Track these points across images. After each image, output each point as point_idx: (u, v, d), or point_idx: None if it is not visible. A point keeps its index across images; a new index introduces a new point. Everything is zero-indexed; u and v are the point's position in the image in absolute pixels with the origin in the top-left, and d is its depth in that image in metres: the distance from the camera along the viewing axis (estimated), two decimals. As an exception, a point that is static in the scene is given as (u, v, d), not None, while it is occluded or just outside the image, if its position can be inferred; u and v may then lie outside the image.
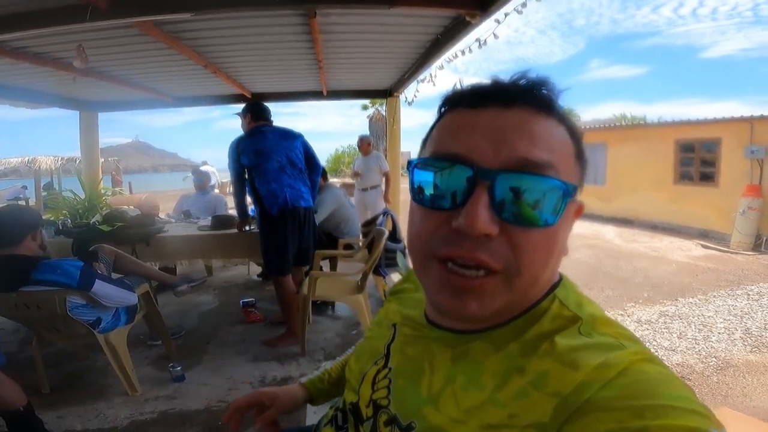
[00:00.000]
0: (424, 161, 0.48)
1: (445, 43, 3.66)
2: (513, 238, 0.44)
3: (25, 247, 2.12)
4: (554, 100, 0.49)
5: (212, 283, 4.48)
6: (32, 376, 2.44)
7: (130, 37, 3.30)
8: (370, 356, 0.65)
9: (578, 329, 0.47)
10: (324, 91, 5.86)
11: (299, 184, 3.03)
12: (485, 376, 0.47)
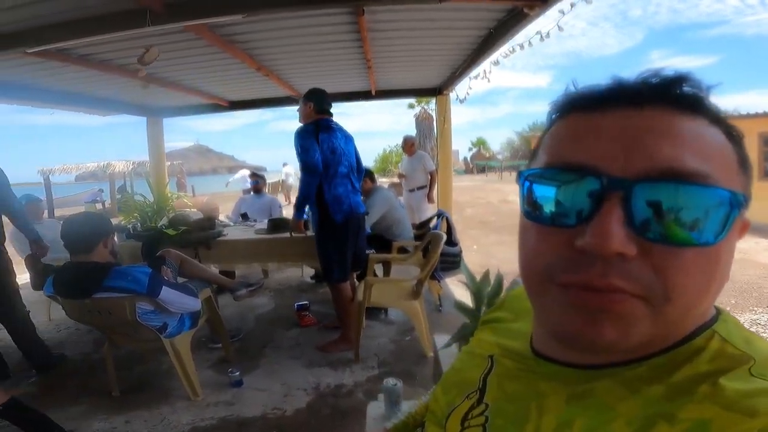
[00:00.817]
0: (540, 173, 0.42)
1: (500, 38, 3.48)
2: (658, 259, 0.36)
3: (98, 254, 2.21)
4: (702, 97, 0.39)
5: (267, 285, 4.55)
6: (104, 377, 2.55)
7: (187, 41, 3.39)
8: (460, 388, 0.58)
9: (749, 370, 0.37)
10: (372, 91, 5.82)
11: (358, 190, 2.97)
12: (617, 422, 0.38)
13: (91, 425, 2.23)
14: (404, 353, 2.95)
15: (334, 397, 2.47)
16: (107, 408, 2.37)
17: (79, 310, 2.23)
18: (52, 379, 2.76)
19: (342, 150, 2.83)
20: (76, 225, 2.22)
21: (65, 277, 2.20)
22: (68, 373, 2.83)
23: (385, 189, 4.06)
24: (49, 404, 2.37)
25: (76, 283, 2.16)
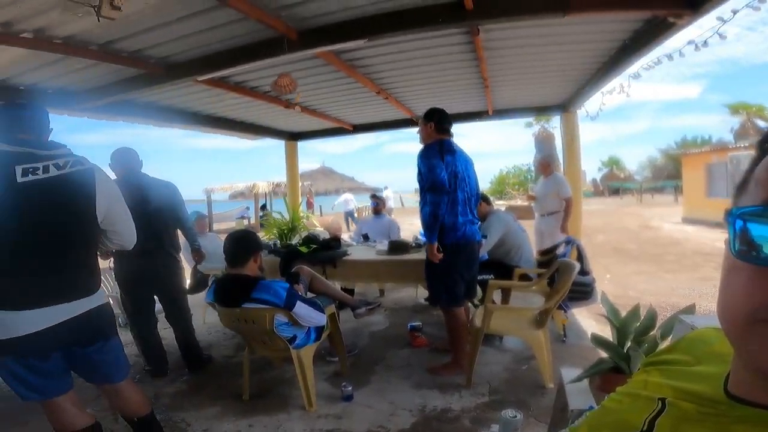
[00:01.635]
0: (762, 211, 0.39)
1: (637, 50, 3.17)
2: None
3: (249, 267, 2.45)
4: None
5: (383, 304, 4.65)
6: (238, 381, 2.78)
7: (318, 68, 3.69)
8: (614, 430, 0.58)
9: None
10: (489, 110, 5.68)
11: (475, 218, 2.88)
12: None
13: (221, 426, 2.39)
14: (519, 382, 2.77)
15: (439, 421, 2.38)
16: (236, 411, 2.54)
17: (230, 318, 2.47)
18: (198, 379, 3.03)
19: (463, 175, 2.76)
20: (235, 241, 2.52)
21: (223, 286, 2.47)
22: (211, 375, 3.10)
23: (502, 212, 3.87)
24: (191, 403, 2.66)
25: (230, 293, 2.41)
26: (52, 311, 1.52)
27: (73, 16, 2.19)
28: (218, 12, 2.48)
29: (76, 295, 1.59)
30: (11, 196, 1.43)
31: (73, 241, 1.60)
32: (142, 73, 3.33)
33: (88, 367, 1.72)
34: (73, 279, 1.60)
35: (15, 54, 2.71)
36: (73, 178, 1.55)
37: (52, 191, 1.50)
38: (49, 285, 1.53)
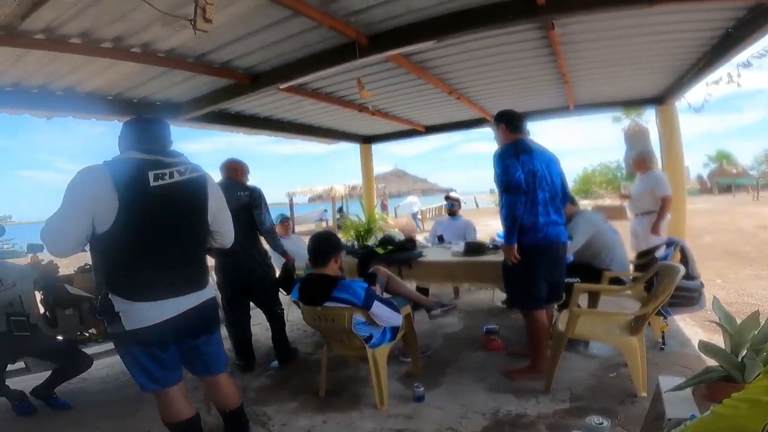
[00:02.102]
0: None
1: (744, 38, 2.91)
2: None
3: (330, 267, 2.54)
4: None
5: (458, 306, 4.53)
6: (315, 378, 2.87)
7: (389, 71, 3.74)
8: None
9: None
10: (570, 105, 5.37)
11: (560, 218, 2.73)
12: None
13: (298, 421, 2.48)
14: (606, 390, 2.58)
15: (512, 425, 2.28)
16: (313, 407, 2.62)
17: (312, 316, 2.56)
18: (281, 374, 3.17)
19: (543, 174, 2.64)
20: (317, 241, 2.63)
21: (307, 285, 2.57)
22: (292, 371, 3.21)
23: (589, 212, 3.60)
24: (273, 398, 2.78)
25: (313, 292, 2.51)
26: (175, 303, 1.68)
27: (172, 30, 2.44)
28: (293, 21, 2.61)
29: (193, 289, 1.75)
30: (146, 198, 1.61)
31: (192, 240, 1.78)
32: (231, 83, 3.61)
33: (194, 358, 1.85)
34: (191, 273, 1.78)
35: (126, 69, 3.07)
36: (192, 184, 1.73)
37: (177, 194, 1.68)
38: (173, 279, 1.70)
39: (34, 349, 2.75)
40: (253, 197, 3.09)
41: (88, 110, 3.69)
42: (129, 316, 1.62)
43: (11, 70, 2.88)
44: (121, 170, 1.58)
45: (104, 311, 1.64)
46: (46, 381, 2.78)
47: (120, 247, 1.61)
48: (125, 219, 1.55)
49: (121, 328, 1.63)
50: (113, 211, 1.54)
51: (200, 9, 1.81)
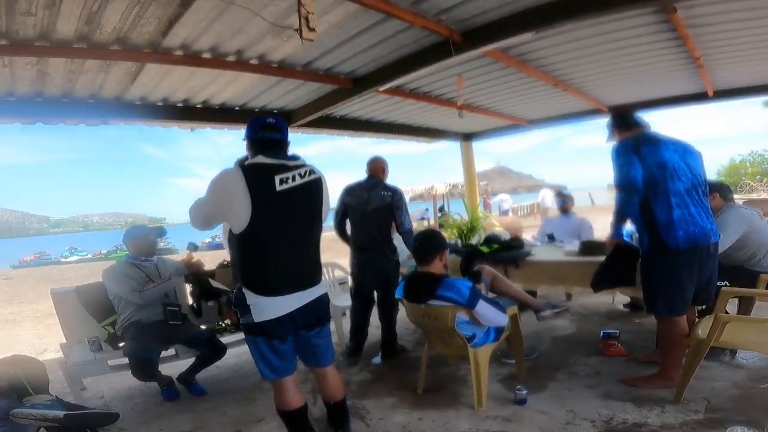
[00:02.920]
0: None
1: None
2: None
3: (435, 266, 2.54)
4: None
5: (570, 308, 4.25)
6: (414, 375, 2.91)
7: (486, 66, 3.67)
8: None
9: None
10: (709, 92, 4.71)
11: (706, 214, 2.47)
12: None
13: (394, 417, 2.52)
14: (754, 402, 2.29)
15: (627, 435, 2.12)
16: (409, 403, 2.66)
17: (416, 313, 2.60)
18: (381, 370, 3.25)
19: (676, 164, 2.40)
20: (423, 239, 2.69)
21: (412, 283, 2.59)
22: (392, 367, 3.28)
23: (740, 207, 3.13)
24: (372, 392, 2.87)
25: (418, 290, 2.53)
26: (296, 297, 1.83)
27: (281, 41, 2.70)
28: (386, 24, 2.71)
29: (312, 283, 1.91)
30: (273, 201, 1.76)
31: (311, 238, 1.92)
32: (335, 88, 3.85)
33: (307, 349, 1.97)
34: (312, 269, 1.93)
35: (247, 81, 3.47)
36: (311, 186, 1.88)
37: (298, 197, 1.83)
38: (296, 275, 1.86)
39: (183, 337, 2.99)
40: (395, 198, 3.25)
41: (221, 121, 4.23)
42: (257, 309, 1.79)
43: (161, 86, 3.40)
44: (252, 175, 1.75)
45: (238, 303, 1.85)
46: (190, 367, 3.06)
47: (252, 246, 1.78)
48: (256, 220, 1.73)
49: (250, 320, 1.81)
50: (247, 213, 1.72)
51: (304, 19, 1.97)
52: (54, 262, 24.40)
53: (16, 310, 7.95)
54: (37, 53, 2.47)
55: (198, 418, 2.69)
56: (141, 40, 2.55)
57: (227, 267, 3.56)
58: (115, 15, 2.23)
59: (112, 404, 2.94)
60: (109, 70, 2.95)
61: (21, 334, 5.86)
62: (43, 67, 2.77)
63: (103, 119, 3.72)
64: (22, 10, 2.06)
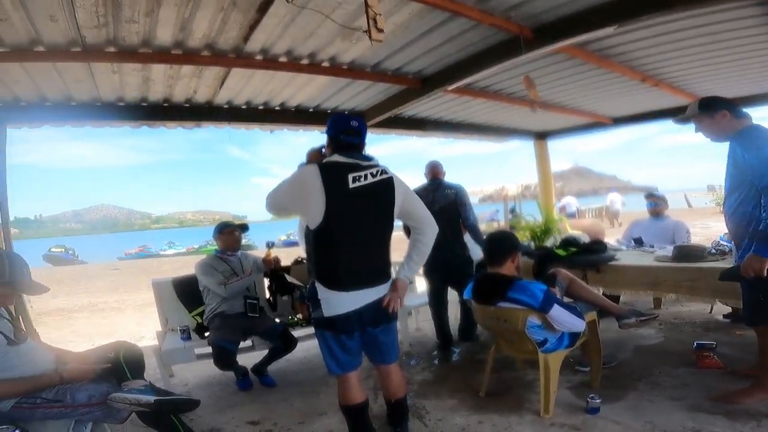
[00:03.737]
0: None
1: None
2: None
3: (506, 267, 2.49)
4: None
5: (659, 317, 3.94)
6: (477, 377, 2.87)
7: (561, 62, 3.51)
8: None
9: None
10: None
11: None
12: None
13: (454, 419, 2.49)
14: None
15: (715, 448, 1.92)
16: (470, 406, 2.61)
17: (484, 315, 2.55)
18: (443, 371, 3.24)
19: None
20: (494, 240, 2.65)
21: (481, 284, 2.56)
22: (455, 369, 3.27)
23: None
24: (433, 393, 2.85)
25: (488, 291, 2.49)
26: (365, 294, 1.88)
27: (350, 43, 2.79)
28: (452, 23, 2.70)
29: (381, 281, 1.94)
30: (347, 199, 1.82)
31: (381, 236, 1.96)
32: (404, 88, 3.90)
33: (373, 346, 2.00)
34: (381, 267, 1.97)
35: (320, 82, 3.63)
36: (383, 185, 1.91)
37: (370, 195, 1.87)
38: (366, 272, 1.90)
39: (260, 329, 3.11)
40: (459, 195, 3.45)
41: (296, 122, 4.48)
42: (328, 304, 1.85)
43: (245, 89, 3.68)
44: (327, 173, 1.83)
45: (310, 297, 1.93)
46: (263, 359, 3.18)
47: (325, 241, 1.85)
48: (329, 216, 1.79)
49: (320, 314, 1.87)
50: (321, 209, 1.78)
51: (372, 20, 2.00)
52: (154, 255, 27.18)
53: (121, 299, 8.80)
54: (141, 60, 2.77)
55: (266, 408, 2.81)
56: (226, 45, 2.78)
57: (301, 263, 3.75)
58: (203, 21, 2.44)
59: (194, 392, 3.13)
60: (201, 75, 3.25)
61: (123, 321, 6.45)
62: (147, 73, 3.11)
63: (197, 122, 4.12)
64: (126, 18, 2.31)
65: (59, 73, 2.93)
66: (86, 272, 16.03)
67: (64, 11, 2.14)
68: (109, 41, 2.55)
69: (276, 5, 2.28)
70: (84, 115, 3.64)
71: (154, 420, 1.97)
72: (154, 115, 3.83)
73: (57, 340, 2.78)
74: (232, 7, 2.30)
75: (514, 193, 14.86)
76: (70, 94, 3.36)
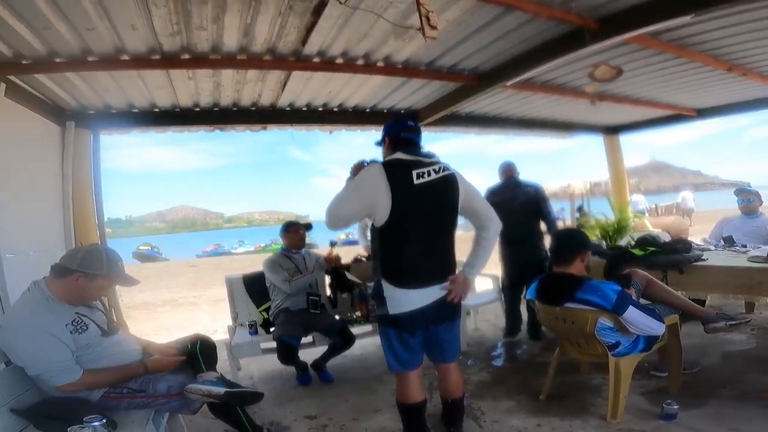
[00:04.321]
0: None
1: None
2: None
3: (575, 266, 2.37)
4: None
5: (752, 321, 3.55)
6: (538, 380, 2.76)
7: (632, 53, 3.29)
8: None
9: None
10: None
11: None
12: None
13: (510, 421, 2.42)
14: None
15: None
16: (529, 409, 2.53)
17: (549, 315, 2.46)
18: (502, 372, 3.17)
19: None
20: (561, 238, 2.55)
21: (546, 284, 2.47)
22: (514, 371, 3.16)
23: None
24: (490, 394, 2.79)
25: (554, 291, 2.39)
26: (431, 291, 1.86)
27: (403, 42, 2.80)
28: (507, 17, 2.63)
29: (445, 278, 1.90)
30: (412, 195, 1.82)
31: (446, 231, 1.94)
32: (459, 85, 3.86)
33: (434, 344, 1.96)
34: (446, 264, 1.94)
35: (375, 82, 3.69)
36: (446, 181, 1.90)
37: (434, 191, 1.86)
38: (432, 268, 1.88)
39: (321, 325, 3.16)
40: (538, 192, 3.65)
41: (354, 123, 4.59)
42: (393, 301, 1.85)
43: (305, 92, 3.83)
44: (392, 170, 1.83)
45: (375, 295, 1.93)
46: (322, 355, 3.21)
47: (393, 238, 1.85)
48: (396, 213, 1.79)
49: (385, 312, 1.87)
50: (388, 206, 1.78)
51: (424, 18, 2.00)
52: (226, 253, 28.95)
53: (197, 294, 9.30)
54: (212, 65, 2.97)
55: (323, 403, 2.84)
56: (286, 49, 2.90)
57: (360, 262, 3.84)
58: (263, 26, 2.57)
59: (258, 385, 3.20)
60: (264, 78, 3.43)
61: (199, 315, 6.82)
62: (218, 79, 3.33)
63: (262, 125, 4.35)
64: (196, 25, 2.48)
65: (143, 81, 3.23)
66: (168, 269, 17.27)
67: (143, 19, 2.34)
68: (183, 48, 2.76)
69: (330, 7, 2.35)
70: (166, 121, 3.99)
71: (222, 411, 2.06)
72: (225, 118, 4.11)
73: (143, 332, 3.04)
74: (289, 11, 2.39)
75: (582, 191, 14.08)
76: (153, 100, 3.69)
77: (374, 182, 1.81)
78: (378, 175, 1.81)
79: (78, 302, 1.83)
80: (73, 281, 1.79)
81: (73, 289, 1.80)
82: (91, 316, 1.86)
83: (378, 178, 1.81)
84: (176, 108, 3.91)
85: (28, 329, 1.70)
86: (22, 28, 2.25)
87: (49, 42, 2.47)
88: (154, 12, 2.27)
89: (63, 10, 2.15)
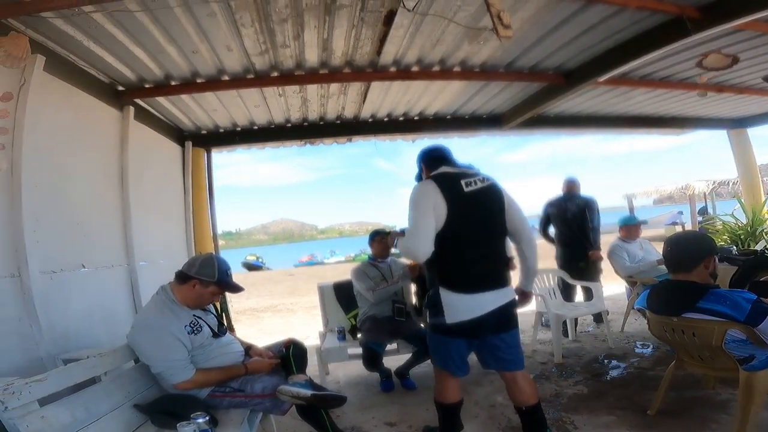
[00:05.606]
0: None
1: None
2: None
3: (697, 274, 2.12)
4: None
5: None
6: (646, 395, 2.55)
7: (748, 40, 2.94)
8: None
9: None
10: None
11: None
12: None
13: None
14: None
15: None
16: (632, 425, 2.32)
17: (663, 327, 2.23)
18: (602, 385, 2.94)
19: None
20: (681, 243, 2.28)
21: (661, 293, 2.27)
22: (616, 384, 2.96)
23: None
24: (586, 408, 2.60)
25: (671, 300, 2.18)
26: (489, 297, 1.88)
27: (478, 44, 2.75)
28: (588, 11, 2.49)
29: (502, 284, 1.95)
30: (464, 201, 1.89)
31: (498, 234, 1.99)
32: (544, 85, 3.68)
33: (491, 353, 1.98)
34: (502, 268, 1.99)
35: (454, 88, 3.66)
36: (492, 189, 1.98)
37: (484, 197, 1.95)
38: (489, 271, 1.92)
39: (405, 332, 3.17)
40: (589, 203, 4.16)
41: (436, 130, 4.59)
42: (451, 309, 1.88)
43: (385, 102, 3.93)
44: (443, 181, 1.92)
45: (431, 303, 1.98)
46: (406, 362, 3.21)
47: (450, 244, 1.88)
48: (452, 219, 1.86)
49: (441, 321, 1.91)
50: (444, 213, 1.85)
51: (496, 18, 1.95)
52: (320, 263, 30.67)
53: (294, 301, 9.94)
54: (298, 81, 3.17)
55: (404, 410, 2.85)
56: (363, 60, 3.01)
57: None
58: (340, 40, 2.69)
59: (343, 389, 3.25)
60: (346, 91, 3.59)
61: (295, 321, 7.28)
62: (305, 94, 3.56)
63: (348, 137, 4.55)
64: (280, 43, 2.67)
65: (242, 100, 3.55)
66: (270, 277, 18.76)
67: (236, 40, 2.58)
68: (272, 66, 2.99)
69: (399, 16, 2.40)
70: (263, 137, 4.37)
71: (308, 413, 2.14)
72: (313, 132, 4.39)
73: (248, 335, 3.35)
74: (361, 23, 2.49)
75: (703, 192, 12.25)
76: (252, 118, 4.06)
77: (429, 194, 1.89)
78: (430, 187, 1.90)
79: (195, 306, 2.03)
80: (191, 287, 1.99)
81: (191, 294, 2.00)
82: (205, 318, 2.06)
83: (431, 189, 1.89)
84: (271, 124, 4.26)
85: (155, 329, 1.88)
86: (141, 53, 2.57)
87: (164, 65, 2.80)
88: (243, 32, 2.49)
89: (170, 33, 2.40)
